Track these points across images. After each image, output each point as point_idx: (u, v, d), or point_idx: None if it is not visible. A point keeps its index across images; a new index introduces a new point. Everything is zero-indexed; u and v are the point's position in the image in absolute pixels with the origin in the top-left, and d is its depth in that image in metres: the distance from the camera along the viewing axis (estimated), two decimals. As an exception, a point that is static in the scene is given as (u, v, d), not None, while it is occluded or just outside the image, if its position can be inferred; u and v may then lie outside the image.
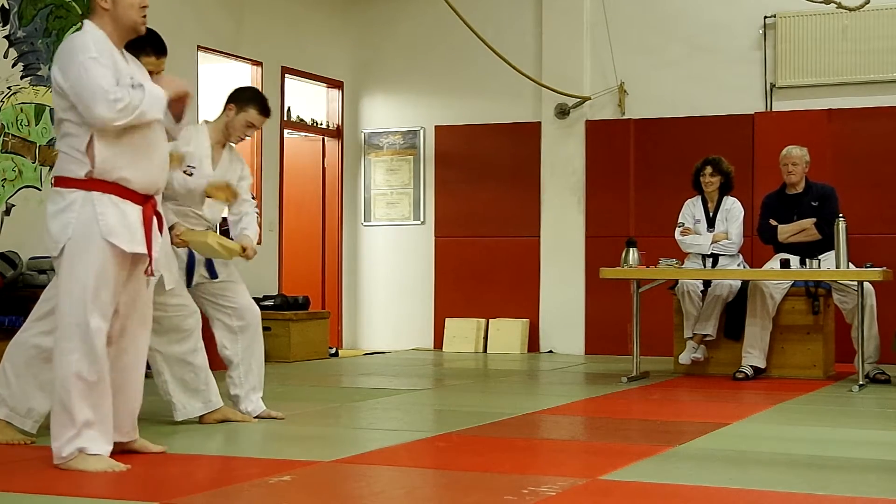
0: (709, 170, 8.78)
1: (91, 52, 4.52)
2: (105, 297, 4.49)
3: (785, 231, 8.50)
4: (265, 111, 6.07)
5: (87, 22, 4.71)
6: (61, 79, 4.50)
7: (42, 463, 4.60)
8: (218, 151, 5.98)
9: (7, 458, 4.82)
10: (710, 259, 8.75)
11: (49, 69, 8.40)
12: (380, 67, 12.00)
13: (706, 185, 8.78)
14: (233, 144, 6.08)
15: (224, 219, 6.22)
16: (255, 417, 5.94)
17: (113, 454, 4.52)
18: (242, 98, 6.06)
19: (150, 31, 5.11)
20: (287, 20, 11.00)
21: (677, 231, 8.87)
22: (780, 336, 8.50)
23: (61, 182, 4.53)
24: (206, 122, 6.11)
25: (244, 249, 5.80)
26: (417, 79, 11.85)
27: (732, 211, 8.79)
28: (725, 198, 8.85)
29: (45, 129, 8.39)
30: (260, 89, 10.62)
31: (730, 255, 8.74)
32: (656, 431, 5.81)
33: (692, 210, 8.90)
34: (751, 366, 8.33)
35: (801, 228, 8.44)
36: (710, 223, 8.80)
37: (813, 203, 8.51)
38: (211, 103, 10.55)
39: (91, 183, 4.48)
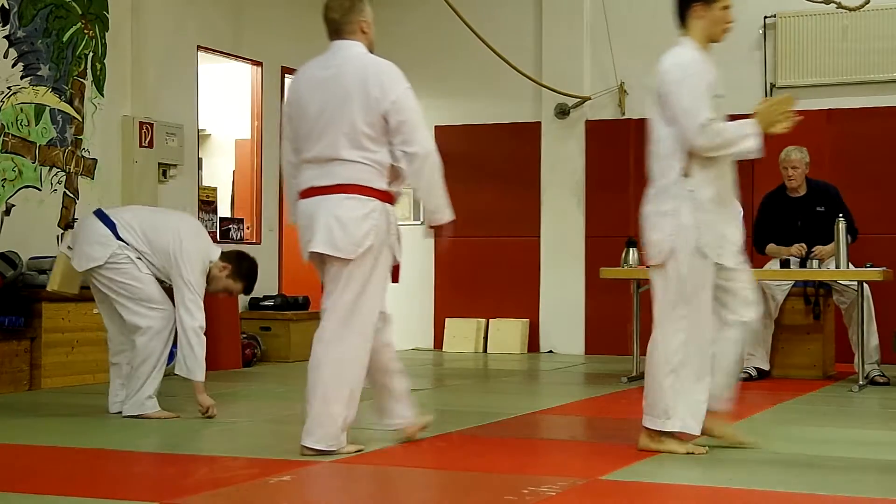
0: None
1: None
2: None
3: (782, 253, 8.38)
4: (248, 292, 6.51)
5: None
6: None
7: (42, 463, 4.60)
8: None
9: (7, 458, 4.82)
10: None
11: (49, 69, 8.41)
12: (380, 67, 11.97)
13: None
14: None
15: None
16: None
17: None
18: (241, 270, 6.39)
19: None
20: (287, 20, 11.00)
21: None
22: (781, 336, 8.50)
23: (360, 190, 4.75)
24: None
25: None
26: (417, 79, 11.67)
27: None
28: None
29: (45, 129, 8.39)
30: (259, 94, 10.70)
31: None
32: (656, 431, 5.80)
33: None
34: (755, 367, 8.32)
35: (799, 255, 8.33)
36: None
37: (819, 208, 8.40)
38: (211, 104, 10.58)
39: (388, 195, 4.84)
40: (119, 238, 6.13)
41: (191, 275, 6.06)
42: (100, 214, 6.27)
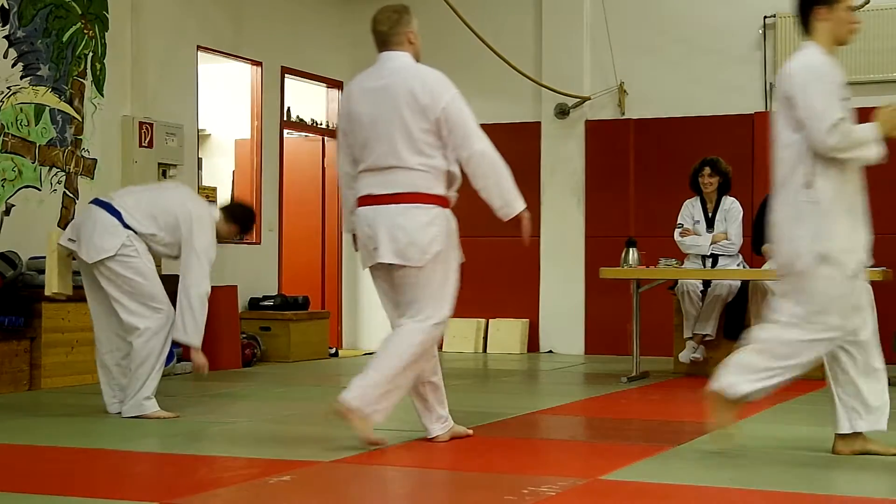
0: (707, 170, 8.77)
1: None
2: None
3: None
4: (245, 231, 6.80)
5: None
6: None
7: (42, 463, 4.60)
8: None
9: (7, 458, 4.83)
10: (710, 259, 8.75)
11: (49, 69, 8.41)
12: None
13: (705, 185, 8.77)
14: None
15: None
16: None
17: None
18: (234, 213, 6.64)
19: None
20: (287, 20, 11.00)
21: (676, 232, 8.87)
22: (780, 336, 8.49)
23: (421, 198, 4.92)
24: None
25: None
26: (417, 79, 11.83)
27: (731, 211, 8.78)
28: (724, 198, 8.84)
29: (45, 129, 8.39)
30: (259, 94, 10.70)
31: (729, 256, 8.74)
32: (656, 431, 5.81)
33: (691, 211, 8.89)
34: None
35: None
36: (710, 224, 8.80)
37: None
38: (211, 104, 10.58)
39: (447, 200, 5.04)
40: (126, 226, 6.14)
41: (203, 241, 6.18)
42: (102, 204, 6.25)
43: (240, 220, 6.62)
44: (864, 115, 10.68)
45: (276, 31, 10.85)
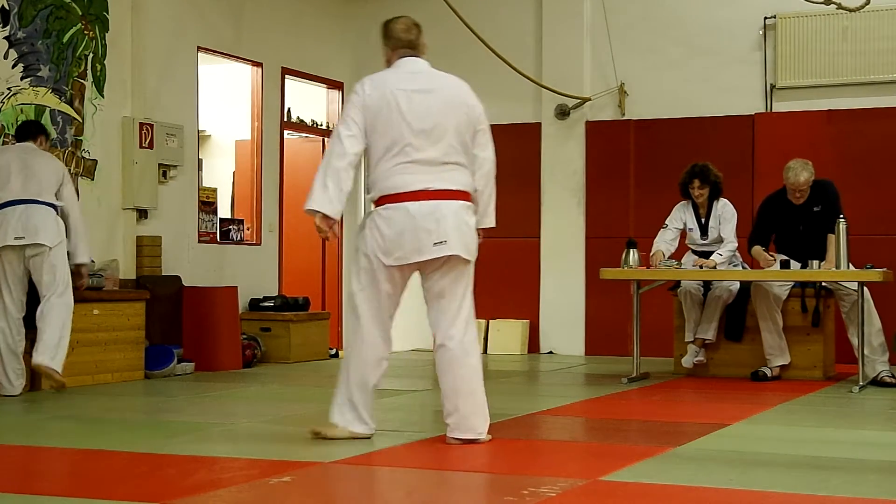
0: (696, 183, 8.58)
1: None
2: None
3: (765, 261, 8.34)
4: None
5: None
6: None
7: (42, 463, 4.60)
8: None
9: (7, 459, 4.82)
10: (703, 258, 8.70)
11: (49, 70, 8.41)
12: (380, 68, 11.87)
13: (695, 196, 8.66)
14: None
15: None
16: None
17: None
18: None
19: None
20: (287, 21, 11.00)
21: (656, 242, 8.68)
22: (780, 337, 8.51)
23: (470, 197, 5.26)
24: None
25: None
26: (417, 80, 11.83)
27: (724, 214, 8.66)
28: (716, 202, 8.72)
29: (46, 130, 8.38)
30: (259, 95, 10.70)
31: (729, 255, 8.65)
32: (656, 432, 5.81)
33: (683, 215, 8.76)
34: (778, 366, 8.33)
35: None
36: (704, 230, 8.71)
37: (815, 208, 8.37)
38: (211, 104, 10.58)
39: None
40: None
41: None
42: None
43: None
44: (864, 114, 10.63)
45: (276, 31, 10.85)
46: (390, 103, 5.22)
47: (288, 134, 11.26)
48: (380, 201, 5.19)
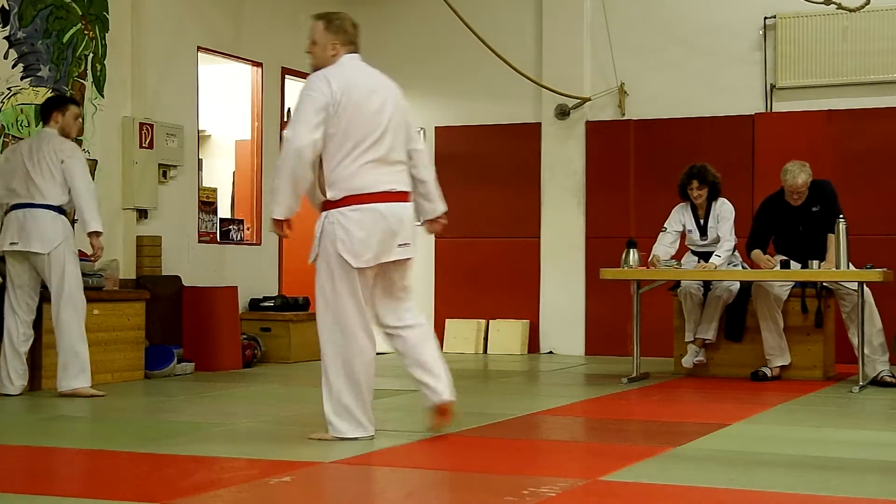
0: (695, 184, 8.58)
1: None
2: None
3: (765, 264, 8.31)
4: None
5: None
6: None
7: (42, 463, 4.60)
8: None
9: (7, 459, 4.82)
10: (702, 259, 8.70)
11: (49, 70, 8.41)
12: (379, 68, 11.94)
13: (694, 197, 8.66)
14: None
15: None
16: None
17: None
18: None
19: None
20: (287, 20, 11.00)
21: (656, 245, 8.68)
22: (780, 337, 8.50)
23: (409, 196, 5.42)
24: None
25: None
26: (417, 80, 11.82)
27: (722, 212, 8.65)
28: (714, 202, 8.71)
29: (46, 130, 8.38)
30: (259, 95, 10.71)
31: (727, 255, 8.64)
32: (656, 432, 5.81)
33: (681, 217, 8.75)
34: (778, 366, 8.33)
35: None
36: (703, 231, 8.71)
37: (814, 209, 8.36)
38: (211, 104, 10.58)
39: None
40: None
41: None
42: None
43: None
44: (864, 114, 10.66)
45: (276, 31, 10.85)
46: (355, 101, 5.21)
47: (288, 134, 11.24)
48: (345, 201, 5.12)
